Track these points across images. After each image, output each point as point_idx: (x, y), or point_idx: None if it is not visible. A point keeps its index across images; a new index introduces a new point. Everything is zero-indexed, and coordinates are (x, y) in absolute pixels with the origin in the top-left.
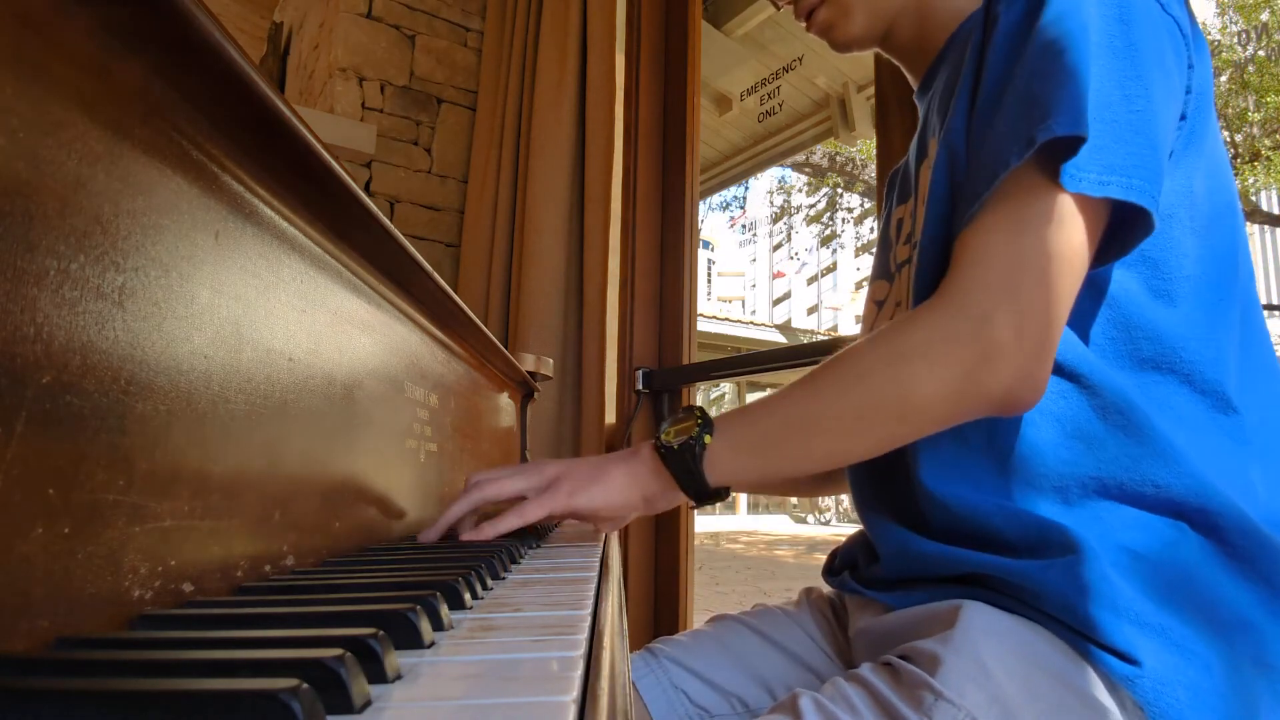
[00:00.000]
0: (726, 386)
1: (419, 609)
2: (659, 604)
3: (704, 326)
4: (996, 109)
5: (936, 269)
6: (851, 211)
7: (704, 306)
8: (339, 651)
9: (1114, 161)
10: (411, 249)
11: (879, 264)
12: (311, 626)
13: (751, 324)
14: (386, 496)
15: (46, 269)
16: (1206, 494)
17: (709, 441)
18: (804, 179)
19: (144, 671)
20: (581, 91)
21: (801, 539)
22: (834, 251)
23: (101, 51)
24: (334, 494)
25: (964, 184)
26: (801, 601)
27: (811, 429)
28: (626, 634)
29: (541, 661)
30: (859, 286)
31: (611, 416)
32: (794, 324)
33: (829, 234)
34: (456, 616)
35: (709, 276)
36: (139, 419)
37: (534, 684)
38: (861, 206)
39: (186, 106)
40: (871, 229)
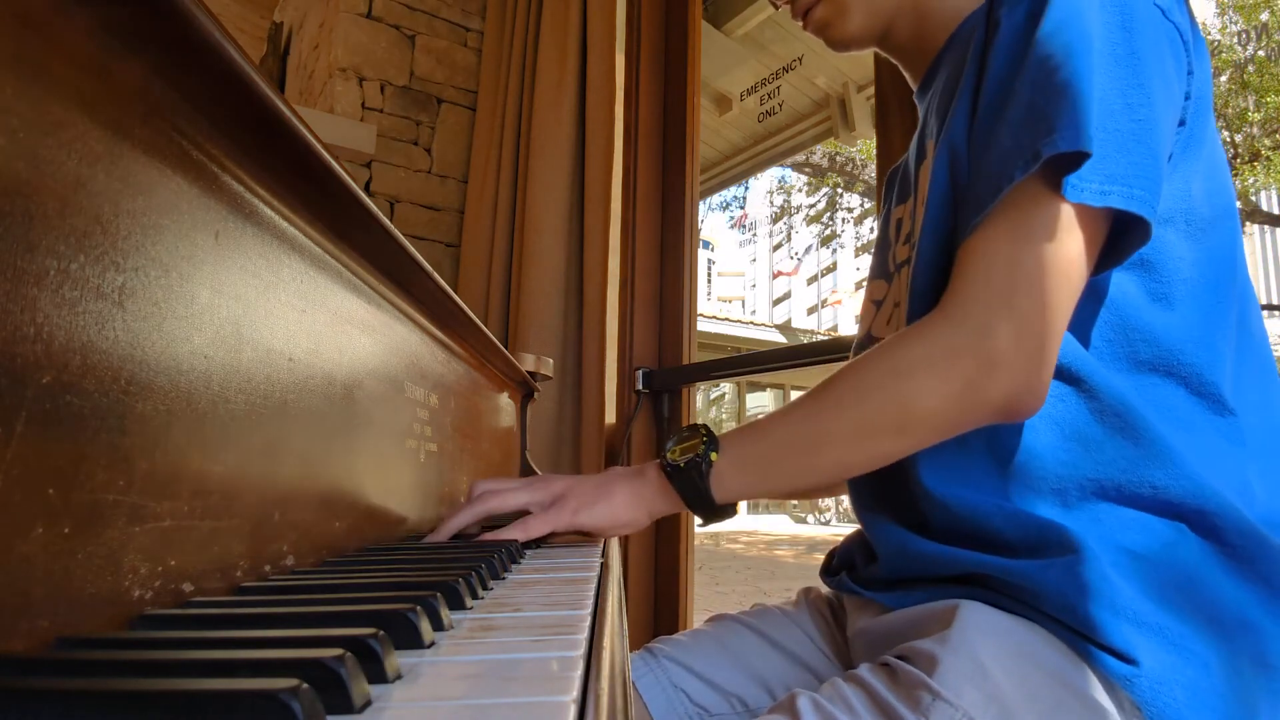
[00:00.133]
0: (726, 386)
1: (419, 609)
2: (659, 604)
3: (704, 326)
4: (999, 117)
5: (935, 269)
6: (851, 211)
7: (704, 306)
8: (339, 651)
9: (1115, 171)
10: (411, 249)
11: (878, 263)
12: (311, 626)
13: (751, 324)
14: (386, 497)
15: (46, 269)
16: (1204, 495)
17: (715, 459)
18: (804, 179)
19: (144, 671)
20: (581, 91)
21: (801, 539)
22: (834, 251)
23: (101, 51)
24: (334, 494)
25: (966, 190)
26: (800, 601)
27: (816, 445)
28: (626, 634)
29: (541, 661)
30: (858, 286)
31: (611, 416)
32: (794, 324)
33: (829, 234)
34: (457, 617)
35: (709, 276)
36: (139, 419)
37: (534, 684)
38: (861, 206)
39: (186, 106)
40: (871, 229)
